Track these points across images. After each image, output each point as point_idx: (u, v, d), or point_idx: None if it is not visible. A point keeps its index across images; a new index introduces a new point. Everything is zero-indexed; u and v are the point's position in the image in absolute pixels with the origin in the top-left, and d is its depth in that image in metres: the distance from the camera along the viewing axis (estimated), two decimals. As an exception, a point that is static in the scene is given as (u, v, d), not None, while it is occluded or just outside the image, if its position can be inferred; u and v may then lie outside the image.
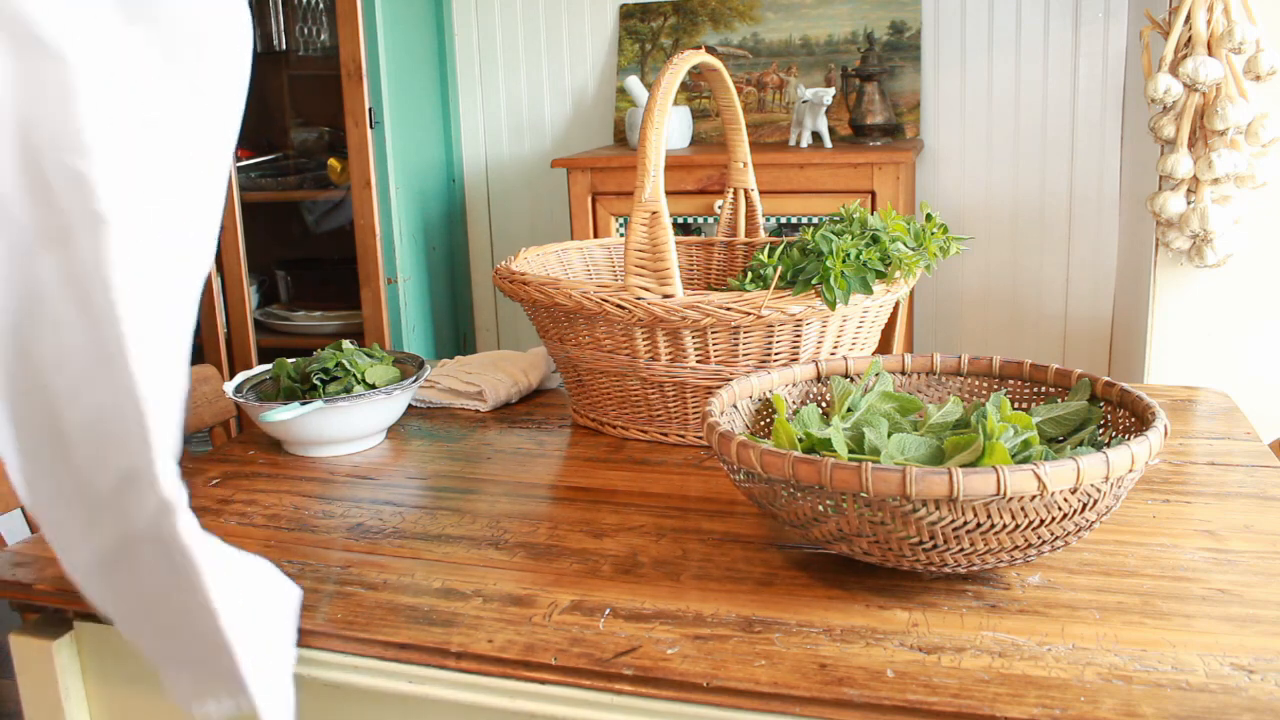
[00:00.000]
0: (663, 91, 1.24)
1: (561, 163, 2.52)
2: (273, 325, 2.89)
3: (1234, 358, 2.04)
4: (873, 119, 2.48)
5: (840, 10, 2.67)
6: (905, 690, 0.81)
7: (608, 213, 2.50)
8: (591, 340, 1.35)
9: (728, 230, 1.67)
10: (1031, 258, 2.68)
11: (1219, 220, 1.83)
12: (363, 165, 2.62)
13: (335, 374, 1.41)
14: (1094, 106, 2.58)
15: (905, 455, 1.00)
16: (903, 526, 0.89)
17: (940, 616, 0.92)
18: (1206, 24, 1.79)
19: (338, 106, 2.63)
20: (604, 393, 1.40)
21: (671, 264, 1.25)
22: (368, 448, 1.42)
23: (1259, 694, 0.78)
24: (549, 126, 3.00)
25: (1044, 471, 0.84)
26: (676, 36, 2.81)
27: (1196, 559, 1.01)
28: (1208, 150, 1.83)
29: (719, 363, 1.29)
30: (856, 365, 1.19)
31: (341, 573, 1.06)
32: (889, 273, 1.29)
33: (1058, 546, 0.93)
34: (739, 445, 0.94)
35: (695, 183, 2.43)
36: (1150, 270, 2.05)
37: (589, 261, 1.68)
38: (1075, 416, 1.08)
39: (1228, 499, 1.15)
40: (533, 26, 2.95)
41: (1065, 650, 0.86)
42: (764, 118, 2.72)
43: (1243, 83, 1.80)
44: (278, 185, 2.88)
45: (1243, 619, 0.89)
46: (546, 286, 1.32)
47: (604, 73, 2.92)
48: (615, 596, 0.98)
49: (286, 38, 2.87)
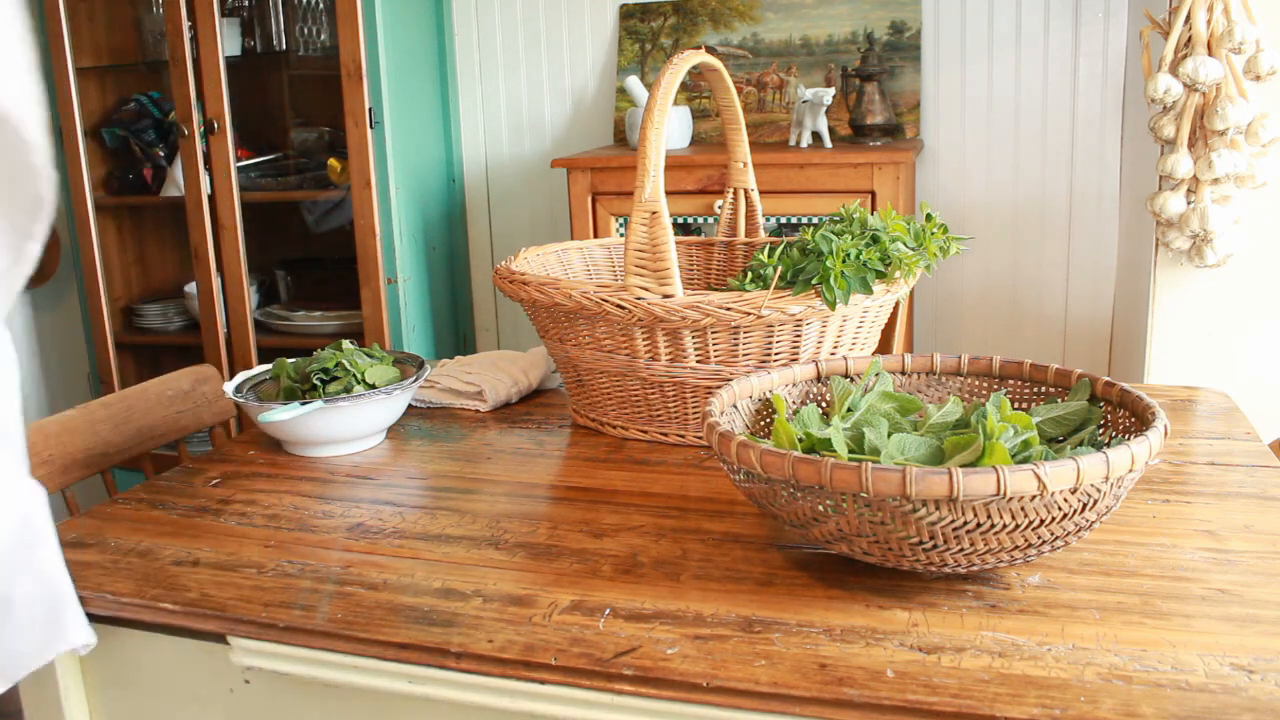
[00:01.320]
0: (663, 91, 1.24)
1: (561, 163, 2.52)
2: (273, 325, 2.88)
3: (1234, 358, 2.04)
4: (873, 119, 2.48)
5: (840, 10, 2.67)
6: (905, 690, 0.81)
7: (608, 213, 2.50)
8: (591, 340, 1.35)
9: (728, 230, 1.67)
10: (1031, 258, 2.68)
11: (1219, 220, 1.83)
12: (363, 165, 2.62)
13: (335, 374, 1.41)
14: (1094, 106, 2.58)
15: (905, 455, 1.00)
16: (903, 526, 0.89)
17: (940, 616, 0.92)
18: (1206, 24, 1.79)
19: (338, 106, 2.63)
20: (604, 393, 1.40)
21: (671, 264, 1.25)
22: (368, 448, 1.42)
23: (1259, 694, 0.78)
24: (549, 126, 3.00)
25: (1044, 471, 0.84)
26: (676, 36, 2.81)
27: (1196, 559, 1.01)
28: (1208, 150, 1.83)
29: (719, 363, 1.29)
30: (856, 365, 1.19)
31: (342, 573, 1.06)
32: (889, 273, 1.29)
33: (1058, 546, 0.93)
34: (739, 445, 0.94)
35: (695, 183, 2.43)
36: (1150, 270, 2.05)
37: (589, 261, 1.68)
38: (1075, 416, 1.08)
39: (1228, 499, 1.15)
40: (533, 26, 2.95)
41: (1065, 650, 0.86)
42: (764, 118, 2.72)
43: (1243, 83, 1.80)
44: (278, 185, 2.88)
45: (1243, 619, 0.89)
46: (546, 286, 1.32)
47: (604, 73, 2.92)
48: (615, 596, 0.98)
49: (286, 38, 2.87)
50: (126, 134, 2.96)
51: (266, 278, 3.02)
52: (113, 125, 2.97)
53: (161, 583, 1.05)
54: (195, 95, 2.70)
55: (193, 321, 2.96)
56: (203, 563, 1.10)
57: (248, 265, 2.79)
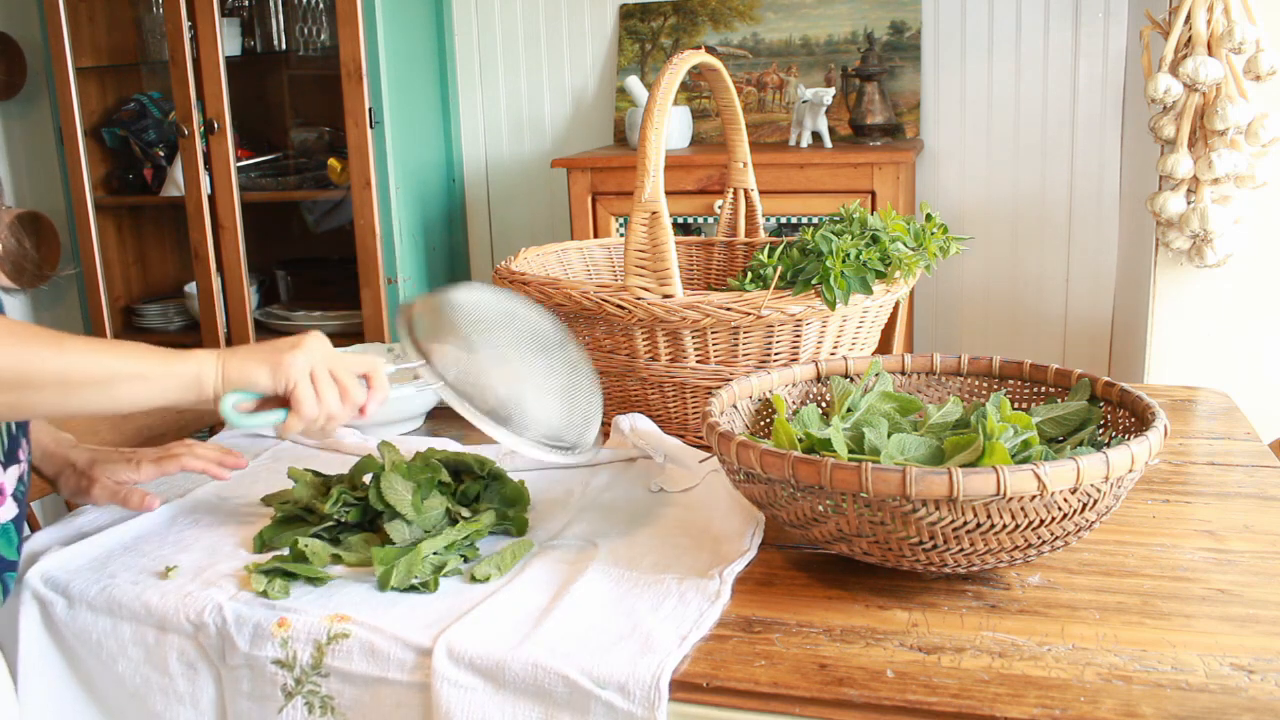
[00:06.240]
0: (663, 91, 1.24)
1: (561, 163, 2.52)
2: (273, 325, 2.88)
3: (1234, 358, 2.03)
4: (873, 119, 2.48)
5: (840, 10, 2.67)
6: (905, 690, 0.81)
7: (608, 213, 2.50)
8: (591, 340, 1.35)
9: (728, 230, 1.67)
10: (1031, 258, 2.68)
11: (1219, 220, 1.83)
12: (363, 165, 2.62)
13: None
14: (1094, 106, 2.58)
15: (905, 455, 1.00)
16: (903, 526, 0.89)
17: (940, 616, 0.92)
18: (1206, 24, 1.79)
19: (338, 106, 2.62)
20: (604, 393, 1.40)
21: (671, 264, 1.25)
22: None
23: (1259, 694, 0.78)
24: (549, 126, 3.00)
25: (1044, 471, 0.84)
26: (676, 36, 2.81)
27: (1196, 559, 1.01)
28: (1208, 150, 1.83)
29: (719, 363, 1.29)
30: (856, 365, 1.19)
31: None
32: (889, 273, 1.29)
33: (1058, 546, 0.93)
34: (739, 445, 0.94)
35: (695, 183, 2.43)
36: (1150, 270, 2.05)
37: (589, 261, 1.68)
38: (1075, 416, 1.08)
39: (1228, 499, 1.15)
40: (533, 26, 2.95)
41: (1065, 650, 0.86)
42: (764, 118, 2.72)
43: (1243, 83, 1.80)
44: (278, 185, 2.88)
45: (1243, 619, 0.89)
46: (546, 286, 1.32)
47: (604, 73, 2.92)
48: (615, 596, 0.98)
49: (286, 38, 2.87)
50: (126, 134, 2.96)
51: (266, 278, 3.02)
52: (113, 125, 2.97)
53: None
54: (195, 95, 2.70)
55: (193, 321, 2.96)
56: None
57: (248, 265, 2.79)
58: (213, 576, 1.03)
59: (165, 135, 2.96)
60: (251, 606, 0.97)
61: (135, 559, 1.08)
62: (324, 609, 0.96)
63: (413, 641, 0.90)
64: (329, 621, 0.94)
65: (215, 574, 1.04)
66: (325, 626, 0.93)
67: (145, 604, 1.00)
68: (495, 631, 0.90)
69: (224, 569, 1.05)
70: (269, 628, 0.95)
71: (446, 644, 0.89)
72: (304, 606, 0.96)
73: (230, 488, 1.26)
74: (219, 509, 1.20)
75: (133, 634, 1.00)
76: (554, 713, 0.85)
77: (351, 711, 0.92)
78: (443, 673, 0.87)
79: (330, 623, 0.94)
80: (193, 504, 1.22)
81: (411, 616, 0.94)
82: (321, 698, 0.93)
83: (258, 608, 0.97)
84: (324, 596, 0.98)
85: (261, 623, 0.95)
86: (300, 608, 0.96)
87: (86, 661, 1.03)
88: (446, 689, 0.87)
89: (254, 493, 1.23)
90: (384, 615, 0.94)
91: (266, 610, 0.96)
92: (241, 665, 0.96)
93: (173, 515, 1.18)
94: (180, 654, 0.98)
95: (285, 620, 0.95)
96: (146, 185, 2.97)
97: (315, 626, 0.94)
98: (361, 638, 0.92)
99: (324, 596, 0.98)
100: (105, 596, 1.01)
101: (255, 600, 0.98)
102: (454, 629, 0.90)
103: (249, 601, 0.98)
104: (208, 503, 1.22)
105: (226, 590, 1.00)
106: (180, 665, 0.98)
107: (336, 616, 0.94)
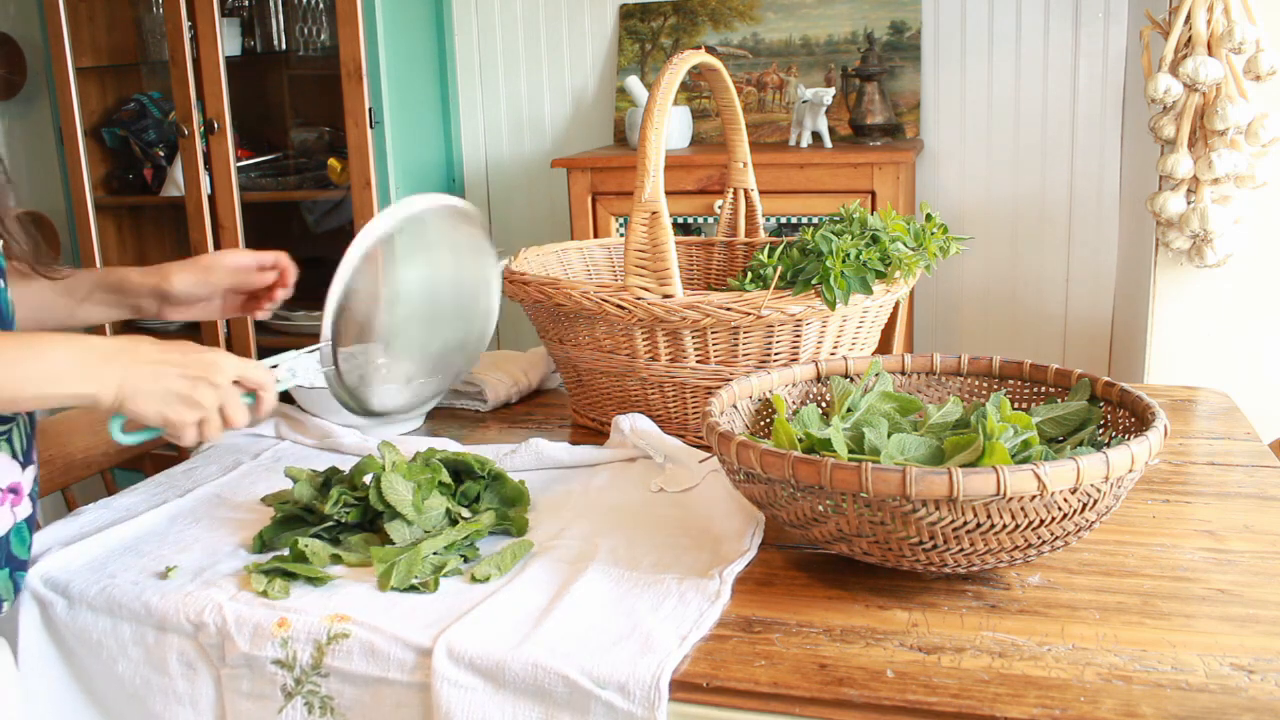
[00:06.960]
0: (663, 91, 1.24)
1: (561, 163, 2.52)
2: (273, 325, 2.88)
3: (1234, 358, 2.03)
4: (873, 119, 2.48)
5: (840, 10, 2.67)
6: (905, 690, 0.81)
7: (608, 213, 2.50)
8: (591, 340, 1.35)
9: (728, 230, 1.67)
10: (1031, 258, 2.68)
11: (1219, 220, 1.83)
12: (363, 165, 2.62)
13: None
14: (1094, 106, 2.58)
15: (905, 455, 1.00)
16: (903, 526, 0.89)
17: (940, 616, 0.92)
18: (1206, 24, 1.79)
19: (338, 106, 2.62)
20: (604, 393, 1.40)
21: (671, 264, 1.25)
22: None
23: (1259, 694, 0.78)
24: (549, 126, 3.00)
25: (1044, 471, 0.84)
26: (676, 36, 2.81)
27: (1196, 559, 1.01)
28: (1208, 150, 1.83)
29: (719, 363, 1.29)
30: (856, 365, 1.19)
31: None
32: (889, 273, 1.29)
33: (1058, 546, 0.93)
34: (739, 445, 0.94)
35: (695, 183, 2.43)
36: (1150, 270, 2.05)
37: (589, 261, 1.68)
38: (1075, 416, 1.08)
39: (1228, 499, 1.15)
40: (533, 26, 2.95)
41: (1065, 650, 0.86)
42: (764, 118, 2.72)
43: (1243, 83, 1.80)
44: (278, 185, 2.88)
45: (1243, 619, 0.89)
46: (546, 286, 1.32)
47: (604, 73, 2.92)
48: (615, 596, 0.98)
49: (286, 38, 2.87)
50: (126, 134, 2.96)
51: (266, 278, 3.01)
52: (113, 125, 2.97)
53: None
54: (195, 95, 2.70)
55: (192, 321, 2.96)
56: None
57: (248, 265, 2.78)
58: (213, 576, 1.03)
59: (165, 135, 2.96)
60: (251, 606, 0.97)
61: (135, 559, 1.08)
62: (324, 609, 0.96)
63: (413, 642, 0.90)
64: (329, 622, 0.94)
65: (215, 574, 1.04)
66: (325, 627, 0.93)
67: (145, 604, 1.00)
68: (495, 631, 0.90)
69: (224, 569, 1.05)
70: (269, 628, 0.95)
71: (446, 644, 0.89)
72: (304, 606, 0.96)
73: (230, 488, 1.26)
74: (219, 509, 1.20)
75: (132, 634, 1.00)
76: (554, 713, 0.85)
77: (351, 712, 0.93)
78: (443, 673, 0.87)
79: (330, 623, 0.94)
80: (193, 504, 1.22)
81: (411, 617, 0.94)
82: (321, 698, 0.93)
83: (258, 608, 0.97)
84: (324, 597, 0.98)
85: (261, 623, 0.95)
86: (300, 608, 0.96)
87: (86, 661, 1.03)
88: (446, 689, 0.87)
89: (254, 493, 1.23)
90: (384, 615, 0.94)
91: (266, 610, 0.96)
92: (241, 665, 0.96)
93: (173, 515, 1.18)
94: (180, 654, 0.98)
95: (285, 620, 0.95)
96: (146, 185, 2.97)
97: (315, 627, 0.94)
98: (361, 638, 0.92)
99: (324, 597, 0.98)
100: (105, 596, 1.01)
101: (255, 600, 0.98)
102: (454, 629, 0.90)
103: (249, 601, 0.98)
104: (208, 503, 1.22)
105: (226, 590, 1.00)
106: (180, 665, 0.98)
107: (336, 617, 0.94)
